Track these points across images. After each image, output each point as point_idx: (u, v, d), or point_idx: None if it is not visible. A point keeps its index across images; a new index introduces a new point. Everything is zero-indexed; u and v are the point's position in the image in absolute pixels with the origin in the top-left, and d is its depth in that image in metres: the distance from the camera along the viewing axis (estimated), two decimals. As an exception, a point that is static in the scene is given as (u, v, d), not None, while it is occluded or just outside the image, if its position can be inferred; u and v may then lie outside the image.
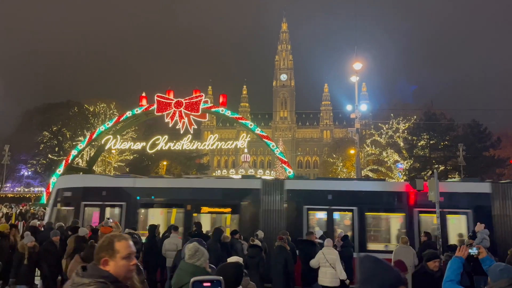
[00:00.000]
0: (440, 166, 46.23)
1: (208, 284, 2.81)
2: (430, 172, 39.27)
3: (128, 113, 35.16)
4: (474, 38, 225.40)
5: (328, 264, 8.94)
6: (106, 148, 38.48)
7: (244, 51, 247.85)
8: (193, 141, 35.22)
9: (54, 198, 14.55)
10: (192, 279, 2.84)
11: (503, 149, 43.46)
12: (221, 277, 2.91)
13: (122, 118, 36.07)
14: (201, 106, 32.62)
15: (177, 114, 31.82)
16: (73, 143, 50.85)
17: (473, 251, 4.03)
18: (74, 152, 36.88)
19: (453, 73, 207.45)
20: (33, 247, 9.44)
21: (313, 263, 9.12)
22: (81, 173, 41.60)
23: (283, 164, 35.50)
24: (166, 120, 32.45)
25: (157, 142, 34.70)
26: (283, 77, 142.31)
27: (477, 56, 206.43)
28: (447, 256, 8.03)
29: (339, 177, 65.46)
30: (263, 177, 33.43)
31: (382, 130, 53.28)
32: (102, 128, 37.00)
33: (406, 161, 50.73)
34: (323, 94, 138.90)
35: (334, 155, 67.96)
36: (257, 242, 9.43)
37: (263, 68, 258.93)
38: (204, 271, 4.15)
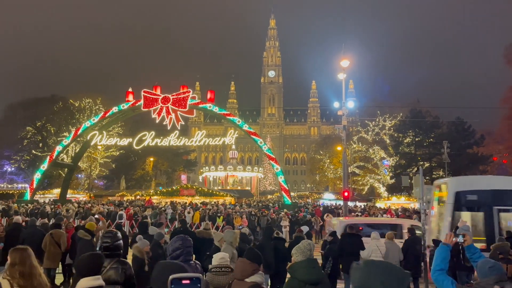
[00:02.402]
0: (425, 163, 46.88)
1: (187, 281, 2.79)
2: (416, 169, 39.81)
3: (115, 109, 34.81)
4: (460, 36, 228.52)
5: (380, 255, 9.45)
6: (91, 144, 38.10)
7: (232, 47, 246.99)
8: (181, 137, 35.08)
9: (453, 202, 12.38)
10: (170, 277, 2.81)
11: (486, 146, 44.29)
12: (200, 275, 2.88)
13: (108, 114, 35.70)
14: (189, 102, 32.50)
15: (164, 110, 31.62)
16: (58, 139, 50.06)
17: (460, 238, 4.10)
18: (58, 148, 36.40)
19: (440, 70, 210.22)
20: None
21: (365, 254, 9.63)
22: (66, 169, 41.13)
23: (270, 161, 35.60)
24: (153, 116, 32.23)
25: (144, 138, 34.46)
26: (271, 73, 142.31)
27: (463, 54, 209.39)
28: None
29: (326, 174, 66.07)
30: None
31: (368, 127, 53.80)
32: (87, 123, 36.57)
33: (392, 158, 51.34)
34: (310, 91, 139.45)
35: (321, 152, 68.38)
36: (281, 235, 9.71)
37: (251, 64, 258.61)
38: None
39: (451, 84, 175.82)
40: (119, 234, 4.63)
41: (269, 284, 9.02)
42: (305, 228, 11.68)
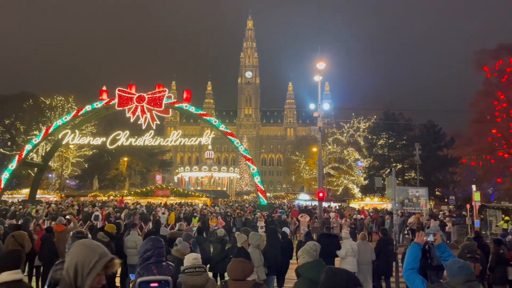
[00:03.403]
0: (398, 164, 47.95)
1: (156, 284, 2.76)
2: (389, 170, 40.66)
3: (88, 107, 34.02)
4: (434, 39, 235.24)
5: (353, 254, 9.66)
6: (63, 143, 37.10)
7: (210, 47, 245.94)
8: (156, 137, 34.58)
9: None
10: (138, 280, 2.79)
11: (456, 148, 45.64)
12: (169, 277, 2.85)
13: (81, 112, 34.85)
14: (164, 101, 32.10)
15: (139, 109, 31.12)
16: (27, 137, 48.50)
17: (430, 237, 4.20)
18: (28, 147, 35.27)
19: (413, 74, 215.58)
20: None
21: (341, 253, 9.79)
22: (36, 169, 39.88)
23: (247, 161, 35.58)
24: (128, 115, 31.65)
25: (117, 137, 33.81)
26: (248, 74, 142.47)
27: (434, 57, 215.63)
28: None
29: (301, 174, 66.61)
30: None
31: (343, 129, 54.63)
32: (59, 122, 35.58)
33: (366, 159, 52.28)
34: (287, 92, 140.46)
35: (297, 153, 68.93)
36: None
37: (228, 64, 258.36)
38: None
39: (423, 87, 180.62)
40: (90, 235, 4.55)
41: (275, 284, 9.14)
42: (286, 230, 11.77)
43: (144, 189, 44.84)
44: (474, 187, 27.86)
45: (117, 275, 11.56)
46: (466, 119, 43.36)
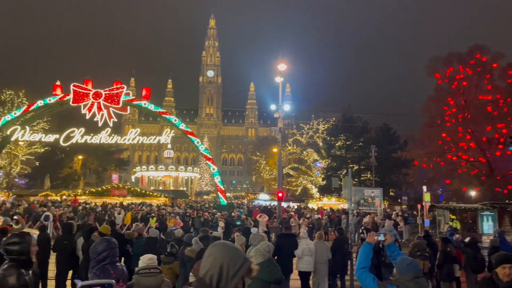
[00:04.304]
0: (354, 165, 49.36)
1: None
2: (345, 171, 41.78)
3: (40, 102, 32.51)
4: (391, 45, 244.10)
5: (310, 253, 9.76)
6: (12, 139, 35.18)
7: (171, 45, 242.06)
8: (113, 135, 33.56)
9: None
10: (80, 284, 2.71)
11: (409, 151, 47.58)
12: (112, 281, 2.79)
13: (32, 108, 33.26)
14: (122, 98, 31.22)
15: (95, 106, 30.09)
16: (-27, 133, 45.52)
17: (381, 237, 4.34)
18: (-27, 143, 33.23)
19: (370, 78, 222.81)
20: None
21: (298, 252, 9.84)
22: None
23: (207, 161, 35.33)
24: (83, 112, 30.56)
25: (72, 134, 32.50)
26: (210, 73, 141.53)
27: (392, 62, 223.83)
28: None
29: (262, 174, 67.01)
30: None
31: (303, 130, 55.54)
32: (8, 117, 33.79)
33: (324, 160, 53.44)
34: (249, 92, 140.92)
35: (258, 153, 69.25)
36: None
37: (190, 63, 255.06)
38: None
39: (380, 91, 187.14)
40: (28, 238, 3.99)
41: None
42: (254, 230, 11.80)
43: (99, 189, 43.39)
44: (424, 188, 29.21)
45: (68, 278, 11.12)
46: (418, 123, 45.28)
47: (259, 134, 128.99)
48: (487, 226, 24.19)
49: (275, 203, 32.23)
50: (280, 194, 23.34)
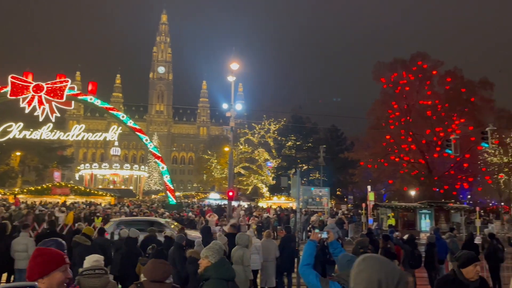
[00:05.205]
0: (304, 165, 50.51)
1: None
2: (294, 170, 42.59)
3: (-27, 94, 30.15)
4: (340, 48, 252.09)
5: (256, 251, 9.80)
6: None
7: (121, 39, 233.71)
8: (55, 131, 31.94)
9: None
10: (1, 286, 2.57)
11: (355, 152, 49.33)
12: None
13: (-36, 99, 30.79)
14: (66, 92, 29.76)
15: (36, 99, 28.41)
16: None
17: (324, 235, 4.49)
18: None
19: (321, 79, 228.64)
20: None
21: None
22: None
23: (156, 159, 34.56)
24: (22, 105, 28.79)
25: (9, 129, 30.54)
26: (161, 69, 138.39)
27: (342, 65, 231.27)
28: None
29: (213, 173, 66.69)
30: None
31: (255, 130, 55.97)
32: None
33: (275, 160, 54.20)
34: (201, 91, 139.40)
35: (209, 152, 68.79)
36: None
37: (140, 58, 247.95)
38: None
39: (329, 92, 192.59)
40: None
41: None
42: (216, 229, 11.66)
43: (39, 187, 41.04)
44: (369, 187, 30.53)
45: (2, 281, 10.44)
46: (365, 125, 47.16)
47: (211, 133, 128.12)
48: (425, 223, 25.72)
49: (226, 202, 32.20)
50: (230, 193, 23.37)
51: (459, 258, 4.18)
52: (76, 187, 41.87)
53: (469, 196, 47.50)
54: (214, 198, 51.19)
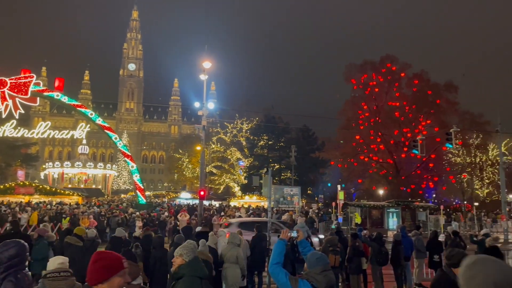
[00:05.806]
0: (276, 164, 50.82)
1: None
2: (266, 170, 42.76)
3: None
4: (313, 50, 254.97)
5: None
6: None
7: (90, 34, 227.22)
8: (19, 128, 30.81)
9: None
10: None
11: (326, 152, 50.12)
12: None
13: None
14: (31, 88, 28.71)
15: (-2, 95, 27.24)
16: None
17: (294, 234, 4.55)
18: None
19: (293, 80, 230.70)
20: None
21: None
22: None
23: (126, 158, 33.86)
24: (-17, 101, 27.50)
25: (-31, 126, 29.15)
26: (131, 66, 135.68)
27: (313, 66, 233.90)
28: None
29: (184, 173, 66.02)
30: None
31: (227, 129, 55.80)
32: None
33: (247, 159, 54.22)
34: (172, 89, 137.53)
35: (180, 151, 68.07)
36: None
37: (110, 55, 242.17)
38: None
39: (301, 93, 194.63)
40: None
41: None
42: (198, 229, 11.52)
43: (1, 186, 39.43)
44: (339, 187, 31.03)
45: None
46: (335, 126, 47.93)
47: (182, 132, 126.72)
48: (392, 222, 26.43)
49: (197, 201, 31.96)
50: (202, 193, 23.23)
51: (451, 258, 4.07)
52: (41, 186, 40.51)
53: (434, 195, 49.15)
54: (185, 197, 50.72)
